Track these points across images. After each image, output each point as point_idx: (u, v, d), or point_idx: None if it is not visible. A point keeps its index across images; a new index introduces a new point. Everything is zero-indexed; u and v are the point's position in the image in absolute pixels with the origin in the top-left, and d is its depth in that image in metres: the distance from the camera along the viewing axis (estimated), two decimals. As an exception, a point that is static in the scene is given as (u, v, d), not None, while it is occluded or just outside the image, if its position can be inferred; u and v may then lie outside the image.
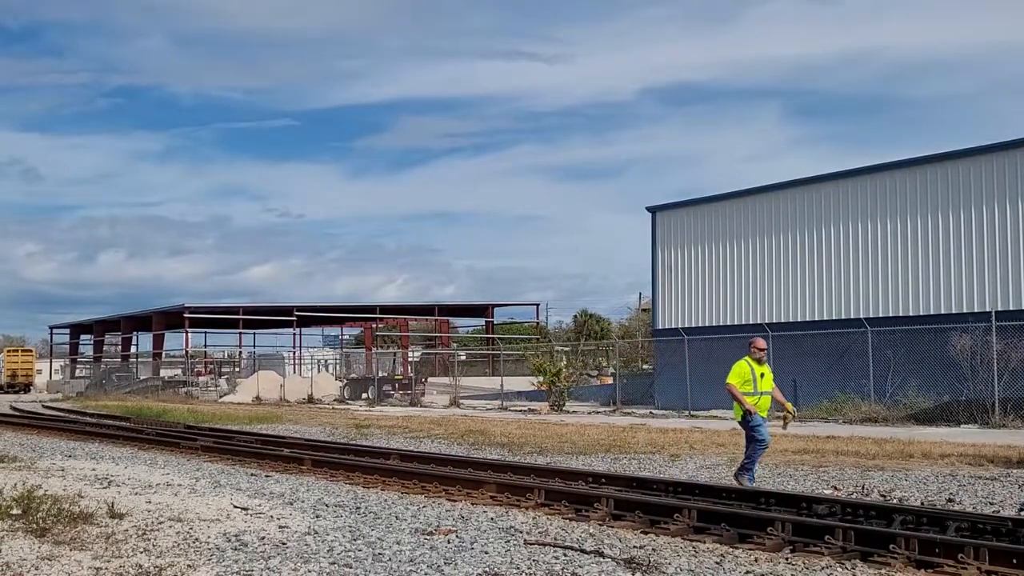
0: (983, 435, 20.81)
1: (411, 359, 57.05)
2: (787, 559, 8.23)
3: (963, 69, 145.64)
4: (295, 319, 66.73)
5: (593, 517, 10.32)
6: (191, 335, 68.63)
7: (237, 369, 66.24)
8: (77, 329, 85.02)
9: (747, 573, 7.71)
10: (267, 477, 14.69)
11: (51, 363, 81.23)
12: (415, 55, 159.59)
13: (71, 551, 8.33)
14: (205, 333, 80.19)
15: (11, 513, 9.87)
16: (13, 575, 7.52)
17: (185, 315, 63.90)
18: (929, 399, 25.66)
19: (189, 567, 7.74)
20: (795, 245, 32.71)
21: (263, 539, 9.01)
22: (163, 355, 72.22)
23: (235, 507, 11.04)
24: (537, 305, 76.15)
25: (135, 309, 73.27)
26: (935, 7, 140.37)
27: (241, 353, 71.18)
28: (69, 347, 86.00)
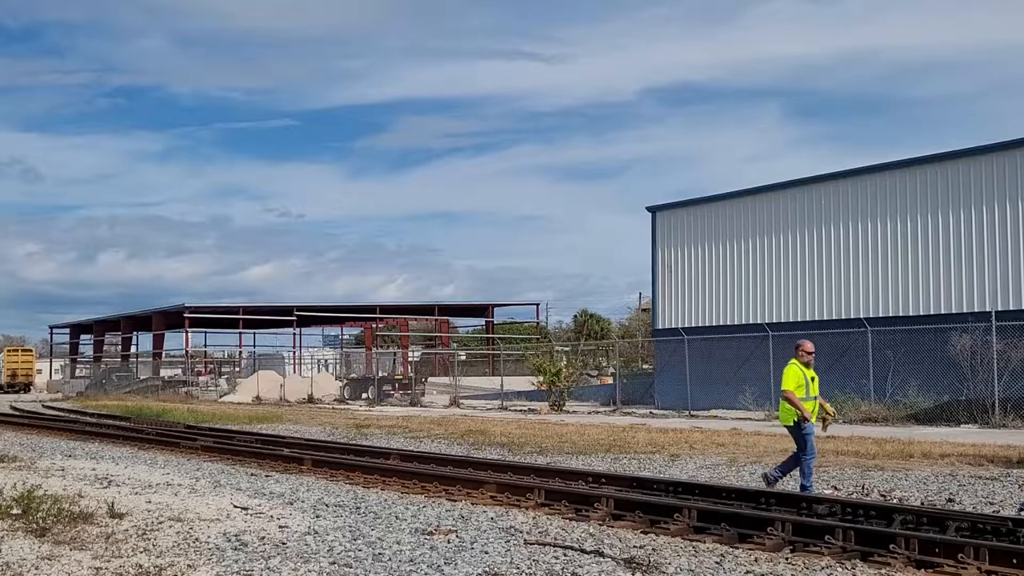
0: (983, 435, 20.80)
1: (411, 359, 57.00)
2: (787, 559, 8.23)
3: (963, 69, 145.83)
4: (295, 319, 66.76)
5: (593, 517, 10.32)
6: (191, 335, 68.67)
7: (237, 369, 66.19)
8: (77, 329, 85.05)
9: (747, 573, 7.71)
10: (267, 477, 14.70)
11: (51, 363, 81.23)
12: (415, 55, 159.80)
13: (71, 551, 8.32)
14: (205, 333, 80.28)
15: (11, 513, 9.87)
16: (13, 575, 7.51)
17: (185, 315, 63.92)
18: (929, 399, 25.65)
19: (189, 567, 7.74)
20: (795, 245, 32.71)
21: (263, 539, 9.01)
22: (163, 355, 72.22)
23: (235, 507, 11.04)
24: (537, 305, 76.32)
25: (135, 309, 73.39)
26: (935, 7, 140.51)
27: (241, 353, 71.22)
28: (69, 347, 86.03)
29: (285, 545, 8.74)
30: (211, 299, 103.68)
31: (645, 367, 48.91)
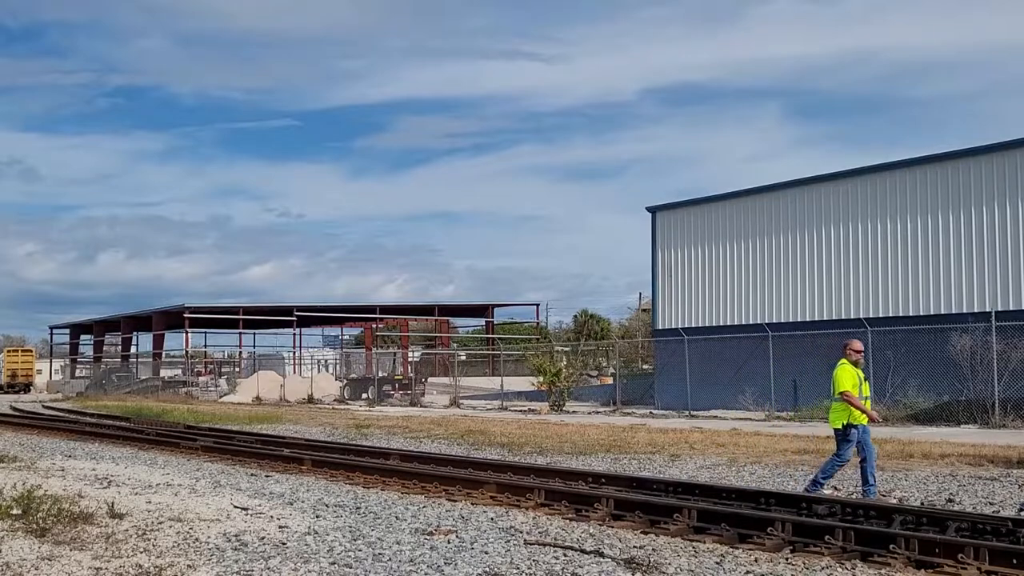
0: (983, 435, 20.80)
1: (411, 359, 57.01)
2: (787, 559, 8.23)
3: (963, 69, 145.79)
4: (295, 319, 66.74)
5: (593, 517, 10.32)
6: (191, 335, 68.63)
7: (237, 369, 66.21)
8: (77, 329, 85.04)
9: (747, 573, 7.71)
10: (267, 477, 14.70)
11: (51, 363, 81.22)
12: (415, 55, 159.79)
13: (71, 551, 8.33)
14: (205, 333, 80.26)
15: (11, 513, 9.87)
16: (13, 575, 7.52)
17: (185, 315, 63.90)
18: (929, 399, 25.65)
19: (189, 567, 7.74)
20: (795, 245, 32.71)
21: (263, 539, 9.01)
22: (163, 355, 72.23)
23: (235, 507, 11.04)
24: (537, 305, 76.34)
25: (135, 309, 73.36)
26: (935, 7, 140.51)
27: (241, 353, 71.21)
28: (69, 347, 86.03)
29: (285, 545, 8.74)
30: (211, 299, 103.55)
31: (645, 367, 48.93)
